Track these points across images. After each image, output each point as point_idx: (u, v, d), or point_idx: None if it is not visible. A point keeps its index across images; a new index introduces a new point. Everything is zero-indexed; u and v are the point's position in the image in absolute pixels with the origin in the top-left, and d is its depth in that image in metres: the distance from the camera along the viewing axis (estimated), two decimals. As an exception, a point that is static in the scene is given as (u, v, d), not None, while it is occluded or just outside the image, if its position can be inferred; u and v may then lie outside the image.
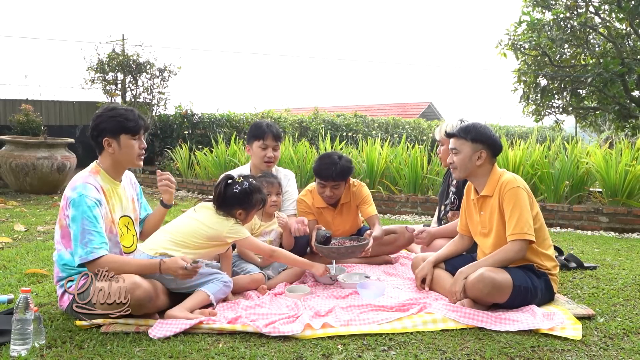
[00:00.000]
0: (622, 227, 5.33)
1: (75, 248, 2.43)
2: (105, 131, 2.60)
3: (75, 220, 2.44)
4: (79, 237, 2.42)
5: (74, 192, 2.49)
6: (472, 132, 2.80)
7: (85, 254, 2.40)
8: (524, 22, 8.80)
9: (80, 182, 2.53)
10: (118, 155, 2.63)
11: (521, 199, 2.67)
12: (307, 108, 15.49)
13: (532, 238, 2.64)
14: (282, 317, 2.47)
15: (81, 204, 2.45)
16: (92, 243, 2.42)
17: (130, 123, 2.61)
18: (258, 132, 3.58)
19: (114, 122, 2.59)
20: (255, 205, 2.81)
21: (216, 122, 10.21)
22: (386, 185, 6.79)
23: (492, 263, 2.64)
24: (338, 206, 3.65)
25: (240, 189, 2.76)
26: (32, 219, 5.55)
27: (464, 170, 2.83)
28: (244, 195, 2.76)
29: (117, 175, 2.70)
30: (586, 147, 6.72)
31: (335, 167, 3.44)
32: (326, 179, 3.48)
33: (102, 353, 2.12)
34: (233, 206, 2.76)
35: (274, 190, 3.33)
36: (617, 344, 2.26)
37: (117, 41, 10.45)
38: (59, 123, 9.94)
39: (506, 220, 2.69)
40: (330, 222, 3.66)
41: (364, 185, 3.72)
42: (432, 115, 23.93)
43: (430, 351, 2.17)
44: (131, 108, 2.70)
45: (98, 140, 2.62)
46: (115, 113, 2.61)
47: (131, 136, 2.63)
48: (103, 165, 2.66)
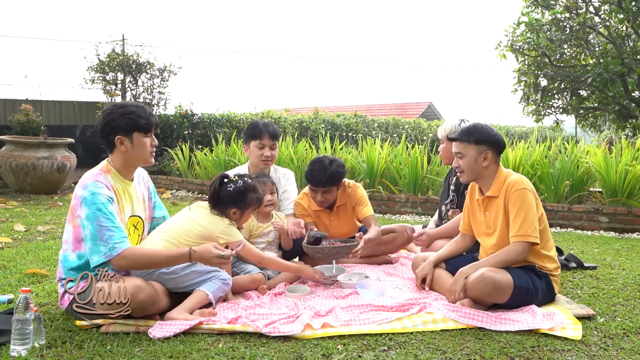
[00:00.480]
0: (622, 227, 5.33)
1: (95, 247, 2.37)
2: (117, 129, 2.54)
3: (90, 218, 2.39)
4: (97, 235, 2.37)
5: (85, 191, 2.44)
6: (474, 134, 2.78)
7: (109, 251, 2.36)
8: (522, 23, 8.79)
9: (91, 180, 2.48)
10: (130, 153, 2.58)
11: (527, 200, 2.66)
12: (307, 108, 15.49)
13: (536, 240, 2.63)
14: (282, 317, 2.47)
15: (95, 202, 2.40)
16: (113, 238, 2.38)
17: (142, 120, 2.56)
18: (255, 131, 3.58)
19: (127, 120, 2.54)
20: (250, 205, 2.80)
21: (216, 122, 10.21)
22: (386, 185, 6.79)
23: (493, 263, 2.64)
24: (334, 209, 3.64)
25: (234, 187, 2.75)
26: (32, 219, 5.55)
27: (471, 173, 2.81)
28: (239, 194, 2.75)
29: (128, 174, 2.65)
30: (587, 146, 6.72)
31: (325, 173, 3.39)
32: (316, 185, 3.45)
33: (102, 353, 2.12)
34: (227, 205, 2.75)
35: (268, 189, 3.31)
36: (617, 344, 2.26)
37: (117, 41, 10.47)
38: (59, 123, 9.94)
39: (510, 221, 2.68)
40: (328, 225, 3.65)
41: (359, 186, 3.68)
42: (432, 115, 23.93)
43: (430, 351, 2.17)
44: (141, 105, 2.65)
45: (110, 138, 2.56)
46: (126, 110, 2.54)
47: (144, 134, 2.58)
48: (114, 164, 2.61)
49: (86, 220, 2.40)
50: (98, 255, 2.37)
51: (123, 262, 2.40)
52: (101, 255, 2.37)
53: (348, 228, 3.70)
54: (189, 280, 2.59)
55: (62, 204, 6.83)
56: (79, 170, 9.49)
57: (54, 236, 4.62)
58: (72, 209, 2.51)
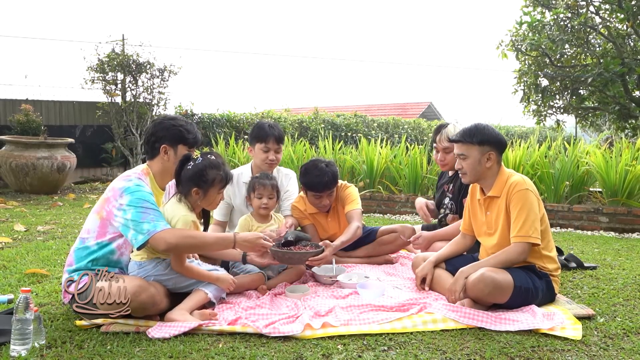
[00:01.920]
0: (622, 227, 5.33)
1: (138, 227, 2.40)
2: (164, 138, 2.65)
3: (134, 203, 2.44)
4: (140, 216, 2.42)
5: (128, 182, 2.52)
6: (477, 135, 2.76)
7: (153, 227, 2.40)
8: (524, 23, 8.79)
9: (134, 176, 2.58)
10: (171, 163, 2.67)
11: (529, 201, 2.66)
12: (307, 108, 15.50)
13: (537, 241, 2.63)
14: (282, 317, 2.47)
15: (139, 191, 2.49)
16: (158, 219, 2.44)
17: (190, 135, 2.69)
18: (261, 133, 3.57)
19: (175, 131, 2.66)
20: (212, 184, 2.60)
21: (216, 122, 10.21)
22: (386, 185, 6.79)
23: (494, 264, 2.64)
24: (330, 209, 3.63)
25: (193, 165, 2.59)
26: (32, 219, 5.55)
27: (474, 174, 2.80)
28: (198, 172, 2.57)
29: (162, 182, 2.73)
30: (586, 147, 6.72)
31: (327, 176, 3.39)
32: (322, 191, 3.44)
33: (102, 353, 2.12)
34: (189, 185, 2.59)
35: (266, 192, 3.27)
36: (617, 344, 2.26)
37: (117, 41, 10.48)
38: (59, 123, 9.94)
39: (511, 222, 2.68)
40: (326, 225, 3.65)
41: (350, 184, 3.68)
42: (432, 115, 23.94)
43: (430, 351, 2.17)
44: (190, 121, 2.78)
45: (155, 145, 2.66)
46: (176, 123, 2.68)
47: (188, 148, 2.69)
48: (152, 170, 2.69)
49: (128, 206, 2.44)
50: (142, 234, 2.40)
51: (170, 238, 2.40)
52: (145, 234, 2.40)
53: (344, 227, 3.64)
54: (188, 280, 2.59)
55: (62, 204, 6.83)
56: (78, 170, 9.53)
57: (54, 236, 4.62)
58: (105, 200, 2.55)
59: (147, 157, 2.72)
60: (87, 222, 2.60)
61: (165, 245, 2.40)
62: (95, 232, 2.54)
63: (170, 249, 2.42)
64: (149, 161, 2.71)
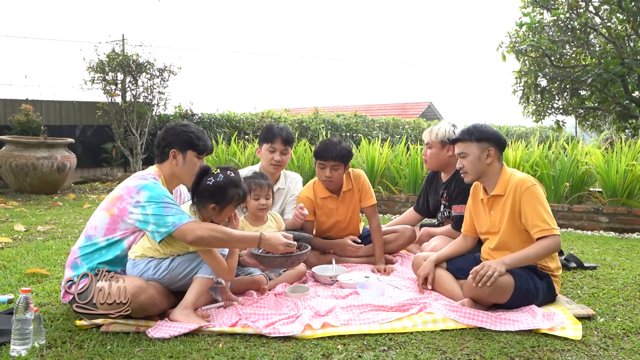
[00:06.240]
0: (622, 227, 5.33)
1: (161, 220, 2.42)
2: (174, 143, 2.68)
3: (154, 199, 2.46)
4: (163, 210, 2.44)
5: (144, 180, 2.54)
6: (475, 133, 2.80)
7: (179, 220, 2.42)
8: (524, 25, 8.79)
9: (149, 175, 2.61)
10: (179, 168, 2.70)
11: (540, 195, 2.70)
12: (307, 108, 15.50)
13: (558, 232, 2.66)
14: (282, 318, 2.47)
15: (157, 187, 2.52)
16: (182, 213, 2.47)
17: (200, 142, 2.71)
18: (268, 135, 3.59)
19: (186, 137, 2.69)
20: (230, 201, 2.57)
21: (216, 122, 10.22)
22: (386, 185, 6.79)
23: (534, 259, 2.63)
24: (340, 194, 3.64)
25: (213, 182, 2.54)
26: (32, 219, 5.55)
27: (475, 172, 2.82)
28: (217, 190, 2.53)
29: (170, 186, 2.74)
30: (586, 147, 6.72)
31: (336, 148, 3.49)
32: (326, 159, 3.49)
33: (102, 353, 2.12)
34: (206, 200, 2.54)
35: (263, 193, 3.17)
36: (617, 344, 2.26)
37: (117, 41, 10.47)
38: (59, 123, 9.95)
39: (529, 219, 2.66)
40: (335, 210, 3.63)
41: (361, 171, 3.75)
42: (432, 115, 23.94)
43: (430, 351, 2.17)
44: (202, 129, 2.81)
45: (165, 150, 2.69)
46: (187, 129, 2.71)
47: (197, 154, 2.71)
48: (162, 173, 2.71)
49: (148, 202, 2.46)
50: (166, 227, 2.42)
51: (199, 231, 2.42)
52: (169, 226, 2.42)
53: (352, 213, 3.68)
54: (182, 272, 2.51)
55: (62, 203, 6.83)
56: (78, 170, 9.52)
57: (54, 236, 4.62)
58: (117, 197, 2.55)
59: (157, 161, 2.75)
60: (94, 220, 2.60)
61: (193, 237, 2.41)
62: (104, 229, 2.54)
63: (196, 240, 2.43)
64: (158, 165, 2.73)
